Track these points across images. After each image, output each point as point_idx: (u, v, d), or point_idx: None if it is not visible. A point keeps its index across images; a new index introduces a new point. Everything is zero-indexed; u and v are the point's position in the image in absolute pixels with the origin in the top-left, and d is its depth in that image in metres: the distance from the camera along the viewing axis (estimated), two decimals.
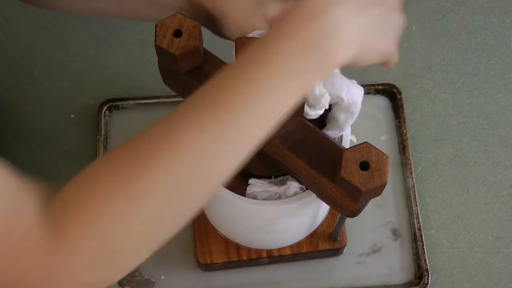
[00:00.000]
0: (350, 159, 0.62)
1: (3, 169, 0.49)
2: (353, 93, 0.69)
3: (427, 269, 0.90)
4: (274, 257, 0.89)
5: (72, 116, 1.01)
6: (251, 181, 0.72)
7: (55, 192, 0.51)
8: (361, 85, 0.99)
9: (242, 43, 0.61)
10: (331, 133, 0.71)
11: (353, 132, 0.98)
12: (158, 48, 0.67)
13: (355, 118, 0.71)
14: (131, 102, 1.00)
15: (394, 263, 0.92)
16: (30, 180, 0.51)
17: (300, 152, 0.68)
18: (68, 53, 1.05)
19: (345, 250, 0.91)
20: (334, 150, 0.67)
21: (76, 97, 1.02)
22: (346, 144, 0.73)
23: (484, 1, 1.09)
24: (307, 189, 0.71)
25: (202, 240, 0.88)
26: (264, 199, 0.72)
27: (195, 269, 0.91)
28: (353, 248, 0.92)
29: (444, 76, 1.04)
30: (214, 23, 0.72)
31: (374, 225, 0.93)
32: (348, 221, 0.89)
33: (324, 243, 0.88)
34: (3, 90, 1.02)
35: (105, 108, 0.99)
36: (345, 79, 0.69)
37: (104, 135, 0.98)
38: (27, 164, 0.97)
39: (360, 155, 0.62)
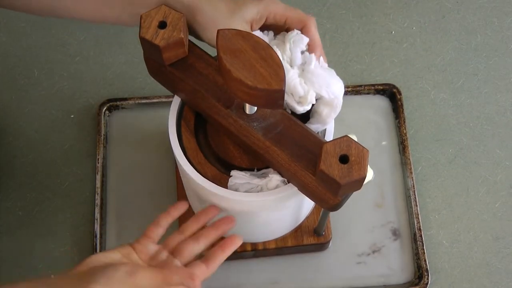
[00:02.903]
0: (329, 153, 0.62)
1: None
2: (333, 89, 0.69)
3: (427, 269, 0.90)
4: (259, 251, 0.88)
5: (72, 116, 1.01)
6: (233, 173, 0.72)
7: None
8: (361, 85, 1.01)
9: (223, 34, 0.61)
10: (314, 127, 0.72)
11: (353, 131, 0.98)
12: (143, 39, 0.67)
13: (338, 112, 0.71)
14: (131, 102, 1.00)
15: (394, 263, 0.92)
16: None
17: (282, 144, 0.68)
18: (68, 53, 1.05)
19: (330, 245, 0.91)
20: (315, 144, 0.67)
21: (76, 97, 1.02)
22: (329, 138, 0.73)
23: (484, 1, 1.09)
24: (288, 183, 0.71)
25: None
26: (246, 191, 0.72)
27: None
28: (353, 248, 0.92)
29: (444, 76, 1.04)
30: (195, 32, 0.73)
31: (374, 225, 0.94)
32: (348, 221, 0.89)
33: (309, 238, 0.88)
34: (3, 90, 1.03)
35: (105, 108, 0.99)
36: (324, 75, 0.70)
37: (104, 135, 0.98)
38: (27, 164, 0.97)
39: (340, 148, 0.62)
